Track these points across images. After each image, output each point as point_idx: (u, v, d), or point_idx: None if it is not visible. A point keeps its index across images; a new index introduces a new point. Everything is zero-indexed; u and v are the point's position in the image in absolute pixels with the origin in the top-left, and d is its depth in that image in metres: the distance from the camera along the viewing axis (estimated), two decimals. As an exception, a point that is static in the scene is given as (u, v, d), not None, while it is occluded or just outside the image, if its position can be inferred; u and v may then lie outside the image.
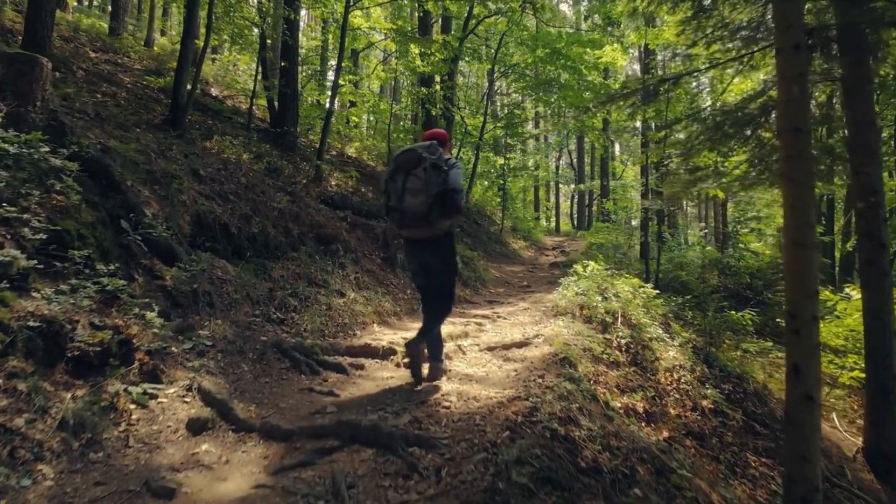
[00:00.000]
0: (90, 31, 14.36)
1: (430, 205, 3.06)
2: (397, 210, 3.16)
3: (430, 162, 3.09)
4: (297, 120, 12.13)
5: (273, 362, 3.51)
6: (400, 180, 3.15)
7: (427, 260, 3.35)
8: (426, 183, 3.05)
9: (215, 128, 10.69)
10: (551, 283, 7.80)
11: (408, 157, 3.17)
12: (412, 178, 3.10)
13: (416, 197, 3.08)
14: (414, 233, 3.24)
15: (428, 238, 3.24)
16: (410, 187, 3.10)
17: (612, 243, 16.12)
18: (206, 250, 4.23)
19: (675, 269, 10.36)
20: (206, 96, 13.19)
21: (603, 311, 5.75)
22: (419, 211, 3.08)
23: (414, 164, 3.11)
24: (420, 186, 3.07)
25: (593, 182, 22.90)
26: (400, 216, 3.16)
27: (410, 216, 3.12)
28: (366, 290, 5.30)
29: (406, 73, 13.86)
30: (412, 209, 3.10)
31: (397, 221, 3.22)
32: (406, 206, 3.12)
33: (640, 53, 16.29)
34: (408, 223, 3.16)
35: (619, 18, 12.13)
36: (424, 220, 3.10)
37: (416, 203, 3.08)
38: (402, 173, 3.15)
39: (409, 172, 3.12)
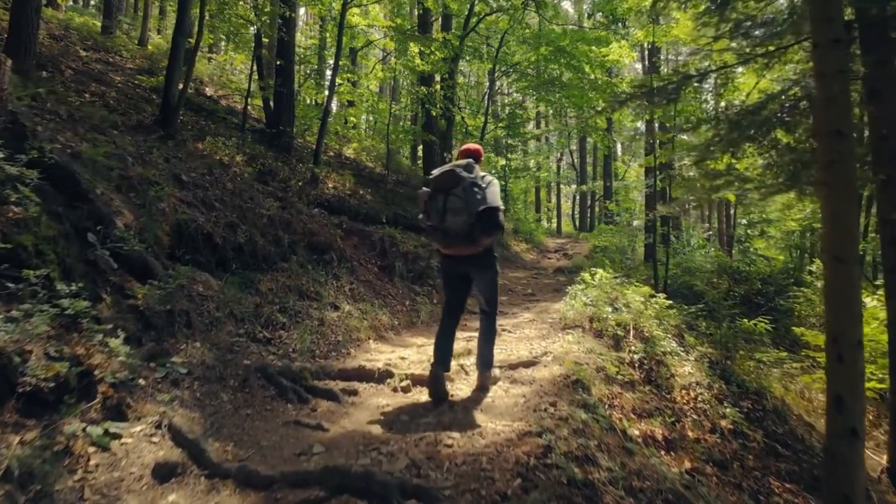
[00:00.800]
0: (82, 29, 14.01)
1: (473, 224, 3.12)
2: (440, 230, 3.23)
3: (469, 181, 3.14)
4: (293, 120, 11.79)
5: (256, 390, 3.17)
6: (440, 200, 3.22)
7: (468, 274, 3.40)
8: (467, 202, 3.10)
9: (208, 128, 10.35)
10: (557, 290, 7.46)
11: (447, 178, 3.21)
12: (452, 198, 3.17)
13: (458, 216, 3.15)
14: (458, 251, 3.29)
15: (470, 254, 3.29)
16: (451, 207, 3.17)
17: (616, 245, 15.78)
18: (187, 263, 3.89)
19: (684, 275, 10.02)
20: (201, 96, 12.86)
21: (614, 323, 5.42)
22: (462, 230, 3.15)
23: (453, 183, 3.17)
24: (461, 206, 3.13)
25: (595, 183, 22.55)
26: (443, 236, 3.22)
27: (454, 235, 3.18)
28: (362, 303, 4.96)
29: (405, 72, 13.51)
30: (455, 229, 3.17)
31: (441, 241, 3.27)
32: (448, 225, 3.19)
33: (643, 52, 15.96)
34: (451, 242, 3.22)
35: (624, 16, 11.78)
36: (467, 239, 3.17)
37: (458, 222, 3.16)
38: (441, 193, 3.21)
39: (448, 192, 3.18)
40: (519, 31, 14.01)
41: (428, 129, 13.38)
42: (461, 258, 3.33)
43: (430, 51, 12.18)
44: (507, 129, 15.66)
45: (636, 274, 9.65)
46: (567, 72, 12.45)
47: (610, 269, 6.71)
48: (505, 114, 16.01)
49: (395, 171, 15.25)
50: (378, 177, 13.24)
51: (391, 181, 13.70)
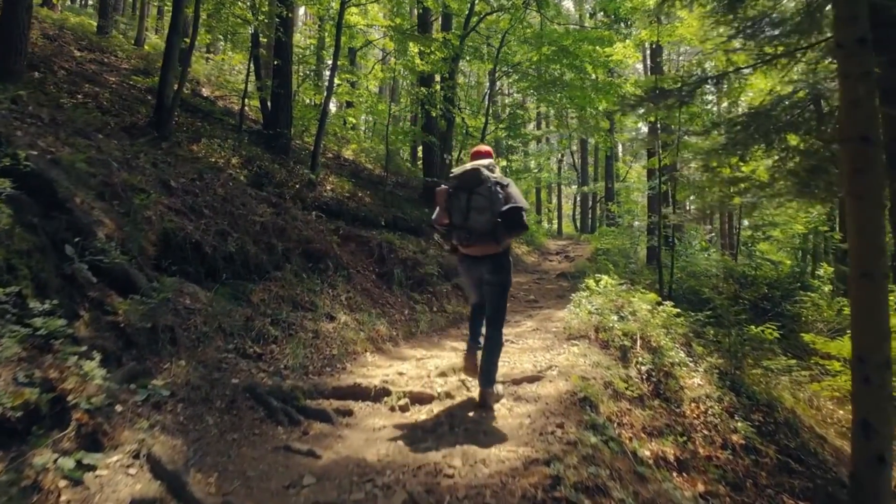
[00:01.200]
0: (77, 29, 13.84)
1: (496, 223, 3.15)
2: (463, 228, 3.23)
3: (494, 180, 3.18)
4: (290, 121, 11.60)
5: (245, 412, 2.99)
6: (463, 199, 3.21)
7: (483, 274, 3.36)
8: (491, 201, 3.13)
9: (204, 130, 10.16)
10: (560, 296, 7.27)
11: (470, 176, 3.21)
12: (476, 197, 3.17)
13: (482, 215, 3.17)
14: (479, 250, 3.27)
15: (490, 254, 3.28)
16: (475, 206, 3.17)
17: (618, 248, 15.59)
18: (174, 274, 3.70)
19: (689, 279, 9.83)
20: (197, 97, 12.67)
21: (620, 333, 5.23)
22: (486, 228, 3.17)
23: (477, 182, 3.18)
24: (485, 205, 3.15)
25: (597, 184, 22.35)
26: (467, 234, 3.22)
27: (477, 234, 3.19)
28: (359, 312, 4.77)
29: (405, 72, 13.32)
30: (479, 227, 3.18)
31: (463, 239, 3.26)
32: (472, 224, 3.19)
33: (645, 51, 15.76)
34: (475, 241, 3.22)
35: (626, 15, 11.59)
36: (491, 238, 3.18)
37: (482, 221, 3.17)
38: (464, 192, 3.21)
39: (471, 191, 3.19)
40: (520, 30, 13.80)
41: (428, 130, 13.19)
42: (479, 258, 3.31)
43: (430, 51, 11.99)
44: (508, 130, 15.46)
45: (640, 278, 9.46)
46: (569, 72, 12.25)
47: (615, 276, 6.51)
48: (506, 114, 15.81)
49: (395, 172, 15.06)
50: (377, 179, 13.05)
51: (390, 183, 13.52)
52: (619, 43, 7.86)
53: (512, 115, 15.05)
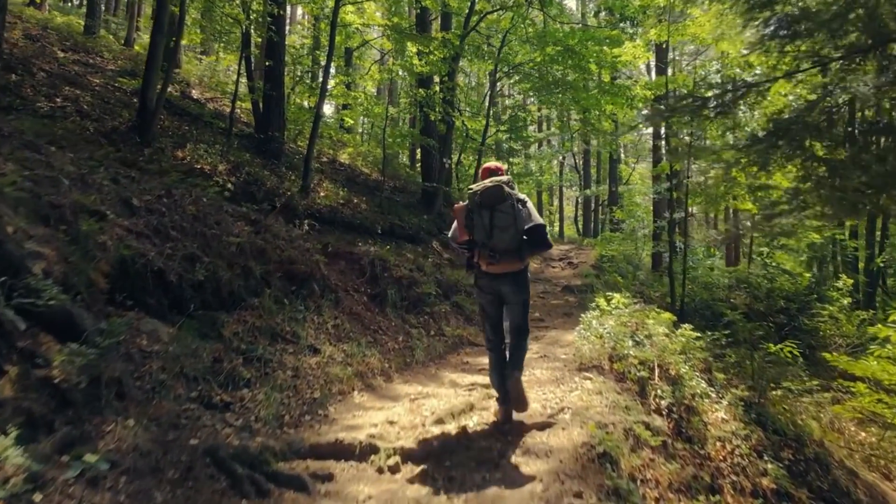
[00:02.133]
0: (63, 29, 13.36)
1: (521, 240, 3.14)
2: (486, 246, 3.18)
3: (516, 198, 3.17)
4: (283, 124, 11.13)
5: (203, 482, 2.50)
6: (486, 216, 3.16)
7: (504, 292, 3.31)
8: (515, 219, 3.12)
9: (190, 134, 9.69)
10: (567, 314, 6.79)
11: (493, 194, 3.17)
12: (499, 215, 3.14)
13: (506, 232, 3.14)
14: (502, 268, 3.23)
15: (511, 272, 3.25)
16: (499, 223, 3.14)
17: (623, 255, 15.11)
18: (131, 309, 3.23)
19: (701, 291, 9.35)
20: (186, 99, 12.19)
21: (636, 362, 4.75)
22: (510, 246, 3.15)
23: (500, 199, 3.15)
24: (509, 222, 3.13)
25: (600, 187, 21.85)
26: (491, 252, 3.18)
27: (502, 252, 3.16)
28: (347, 342, 4.29)
29: (403, 73, 12.84)
30: (503, 245, 3.15)
31: (487, 257, 3.21)
32: (496, 242, 3.16)
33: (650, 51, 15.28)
34: (499, 259, 3.18)
35: (633, 14, 11.10)
36: (515, 255, 3.18)
37: (506, 238, 3.14)
38: (486, 209, 3.16)
39: (494, 208, 3.15)
40: (522, 30, 13.32)
41: (426, 133, 12.71)
42: (500, 276, 3.26)
43: (429, 51, 11.51)
44: (510, 133, 14.99)
45: (650, 290, 8.99)
46: (573, 73, 11.76)
47: (627, 294, 6.03)
48: (507, 116, 15.33)
49: (393, 176, 14.59)
50: (374, 184, 12.58)
51: (388, 188, 13.04)
52: (629, 43, 7.38)
53: (513, 118, 14.56)
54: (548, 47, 10.34)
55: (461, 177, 15.95)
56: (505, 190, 3.18)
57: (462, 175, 16.12)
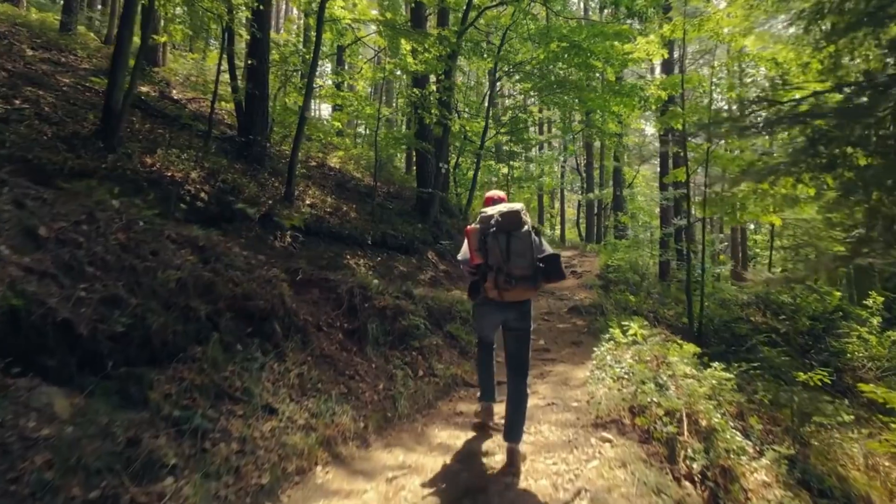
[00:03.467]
0: (37, 26, 12.62)
1: (536, 268, 3.12)
2: (503, 271, 3.11)
3: (531, 225, 3.17)
4: (266, 127, 10.37)
5: None
6: (503, 241, 3.12)
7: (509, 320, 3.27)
8: (531, 246, 3.11)
9: (164, 138, 8.91)
10: (576, 343, 6.03)
11: (512, 219, 3.13)
12: (515, 240, 3.11)
13: (522, 259, 3.11)
14: (516, 295, 3.17)
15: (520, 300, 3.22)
16: (515, 249, 3.10)
17: (629, 264, 14.34)
18: (22, 376, 2.47)
19: (718, 309, 8.60)
20: (165, 99, 11.42)
21: (662, 413, 4.00)
22: (526, 273, 3.11)
23: (517, 225, 3.12)
24: (525, 249, 3.10)
25: (604, 191, 21.07)
26: (506, 278, 3.10)
27: (518, 278, 3.10)
28: (313, 397, 3.53)
29: (398, 72, 12.08)
30: (520, 272, 3.11)
31: (501, 283, 3.11)
32: (512, 268, 3.10)
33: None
34: (515, 284, 3.11)
35: (641, 9, 10.34)
36: (530, 283, 3.13)
37: (523, 265, 3.11)
38: (503, 234, 3.12)
39: (511, 233, 3.11)
40: (523, 27, 12.57)
41: (421, 136, 11.94)
42: (506, 304, 3.21)
43: (424, 48, 10.76)
44: (511, 135, 14.23)
45: (663, 308, 8.24)
46: (578, 72, 11.01)
47: (643, 322, 5.28)
48: (507, 118, 14.58)
49: (386, 182, 13.82)
50: (366, 190, 11.81)
51: (380, 194, 12.27)
52: (641, 38, 6.63)
53: (514, 119, 13.80)
54: (552, 43, 9.56)
55: (459, 181, 15.18)
56: (522, 216, 3.15)
57: (460, 179, 15.36)
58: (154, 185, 7.62)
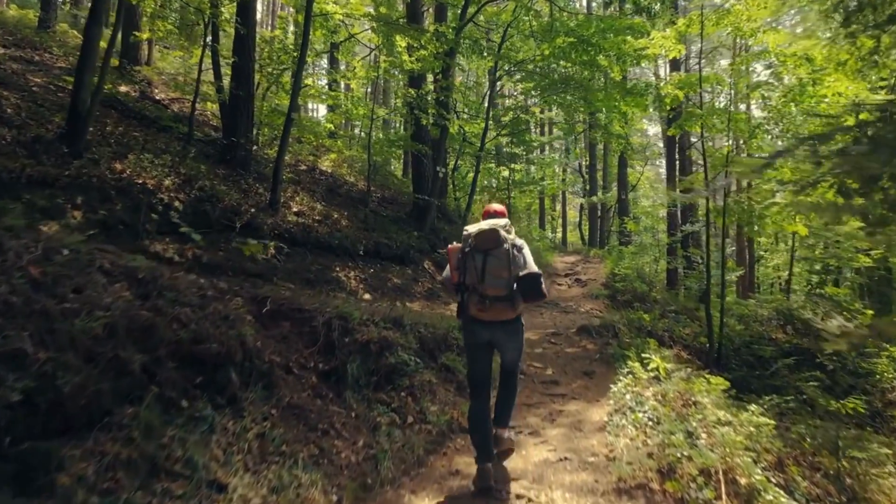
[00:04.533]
0: (12, 23, 11.98)
1: (513, 288, 3.01)
2: (477, 291, 3.01)
3: (511, 243, 3.04)
4: (251, 129, 9.72)
5: None
6: (479, 259, 3.01)
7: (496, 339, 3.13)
8: (509, 265, 2.99)
9: (138, 142, 8.25)
10: (588, 374, 5.39)
11: (488, 237, 3.01)
12: (492, 259, 3.00)
13: (499, 279, 3.00)
14: (493, 315, 3.04)
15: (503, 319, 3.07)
16: (491, 269, 2.99)
17: (636, 272, 13.68)
18: None
19: (737, 325, 7.96)
20: (145, 99, 10.76)
21: (695, 472, 3.36)
22: (502, 293, 3.00)
23: (494, 244, 3.01)
24: (502, 268, 2.99)
25: (608, 194, 20.41)
26: (480, 299, 3.01)
27: (493, 298, 3.00)
28: (275, 464, 2.88)
29: (394, 70, 11.44)
30: (495, 292, 3.00)
31: (477, 304, 3.02)
32: (487, 287, 3.00)
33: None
34: (489, 305, 3.00)
35: (649, 4, 9.69)
36: (507, 303, 3.02)
37: (498, 285, 3.00)
38: (480, 253, 3.02)
39: (488, 252, 3.01)
40: (525, 24, 11.92)
41: (417, 139, 11.30)
42: (491, 323, 3.10)
43: (420, 44, 10.11)
44: (512, 136, 13.59)
45: (680, 327, 7.60)
46: (583, 70, 10.35)
47: (666, 355, 4.64)
48: (508, 118, 13.93)
49: (381, 186, 13.17)
50: (358, 195, 11.16)
51: (375, 200, 11.61)
52: (657, 33, 6.00)
53: (515, 120, 13.16)
54: (558, 38, 8.89)
55: (458, 185, 14.53)
56: (500, 234, 3.01)
57: (459, 184, 14.71)
58: (123, 194, 6.99)
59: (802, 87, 6.41)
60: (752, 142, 6.70)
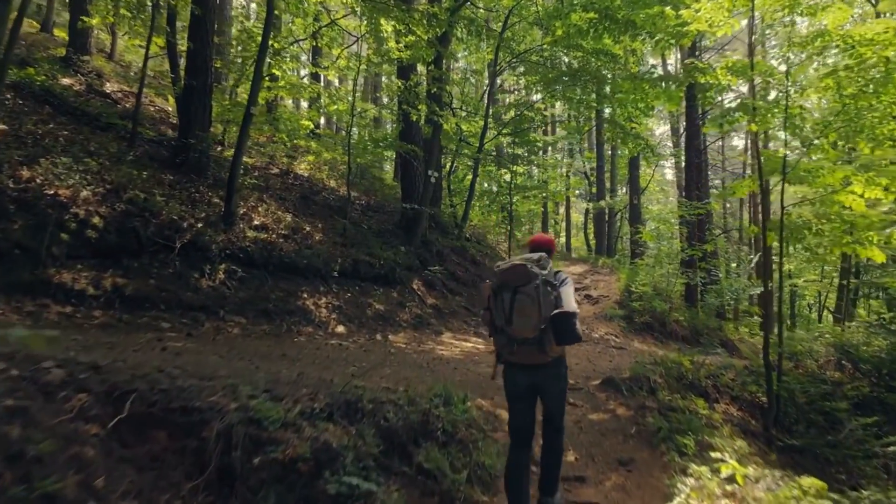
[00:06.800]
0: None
1: (544, 329, 2.66)
2: (504, 333, 2.75)
3: (542, 279, 2.70)
4: (208, 126, 8.23)
5: None
6: (507, 298, 2.71)
7: (536, 383, 2.86)
8: (539, 304, 2.65)
9: (54, 145, 6.75)
10: (624, 464, 3.92)
11: (515, 273, 2.72)
12: (521, 297, 2.68)
13: (527, 319, 2.67)
14: (524, 359, 2.79)
15: (539, 363, 2.79)
16: (519, 307, 2.68)
17: (653, 285, 12.22)
18: None
19: (788, 367, 6.49)
20: (92, 93, 9.30)
21: None
22: (530, 335, 2.69)
23: (523, 280, 2.69)
24: (531, 307, 2.66)
25: (616, 198, 18.91)
26: (507, 341, 2.75)
27: (520, 341, 2.72)
28: None
29: (380, 59, 9.96)
30: (522, 333, 2.70)
31: (505, 346, 2.78)
32: (514, 329, 2.70)
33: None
34: (517, 349, 2.75)
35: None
36: (536, 346, 2.71)
37: (527, 327, 2.68)
38: (508, 290, 2.73)
39: (516, 290, 2.70)
40: (528, 9, 10.46)
41: (407, 138, 9.83)
42: (528, 367, 2.81)
43: (409, 28, 8.66)
44: (514, 136, 12.12)
45: (725, 374, 6.14)
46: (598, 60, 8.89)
47: (744, 451, 3.17)
48: (510, 116, 12.47)
49: (366, 191, 11.71)
50: (338, 203, 9.69)
51: (357, 209, 10.16)
52: (707, 2, 4.59)
53: (518, 118, 11.70)
54: (573, 15, 7.38)
55: (454, 190, 13.04)
56: (529, 269, 2.67)
57: (456, 189, 13.22)
58: (25, 209, 5.52)
59: (888, 73, 4.96)
60: (823, 142, 5.26)
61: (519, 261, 2.75)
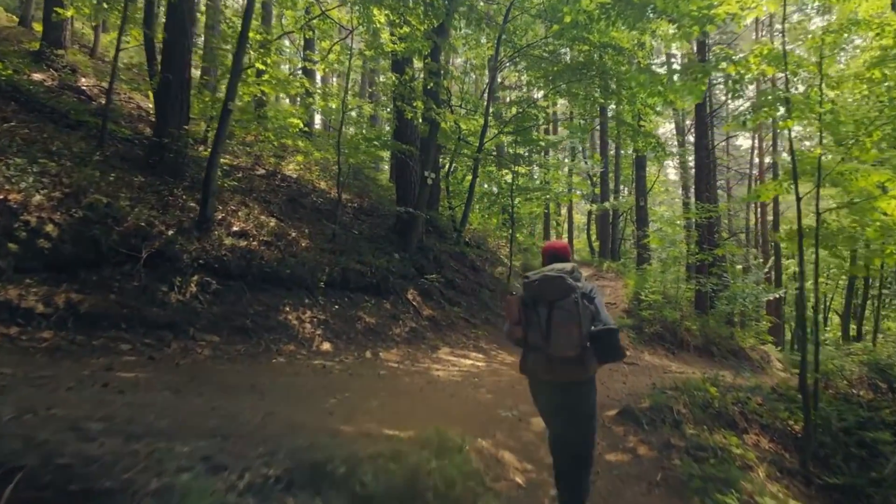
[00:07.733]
0: None
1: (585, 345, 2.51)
2: (541, 351, 2.56)
3: (581, 292, 2.54)
4: (184, 123, 7.59)
5: None
6: (543, 314, 2.54)
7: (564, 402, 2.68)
8: (580, 318, 2.50)
9: (14, 142, 6.14)
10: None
11: (553, 286, 2.54)
12: (559, 312, 2.52)
13: (567, 336, 2.51)
14: (562, 377, 2.60)
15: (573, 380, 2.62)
16: (558, 322, 2.51)
17: (661, 292, 11.61)
18: None
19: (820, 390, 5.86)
20: (66, 89, 8.68)
21: None
22: (571, 352, 2.51)
23: (561, 294, 2.53)
24: (571, 322, 2.50)
25: (621, 200, 18.28)
26: (546, 359, 2.55)
27: (560, 359, 2.53)
28: None
29: (371, 52, 9.33)
30: (563, 352, 2.51)
31: (543, 364, 2.58)
32: (554, 347, 2.51)
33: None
34: (557, 367, 2.55)
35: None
36: (577, 364, 2.54)
37: (568, 344, 2.51)
38: (543, 305, 2.55)
39: (553, 304, 2.53)
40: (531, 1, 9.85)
41: (401, 137, 9.21)
42: (560, 384, 2.64)
43: (403, 19, 8.04)
44: (516, 135, 11.48)
45: (754, 399, 5.53)
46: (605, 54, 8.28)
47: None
48: (511, 114, 11.85)
49: (360, 193, 11.08)
50: (328, 206, 9.07)
51: (348, 212, 9.54)
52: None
53: (520, 116, 11.07)
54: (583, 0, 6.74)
55: (452, 192, 12.41)
56: (568, 282, 2.52)
57: (454, 190, 12.59)
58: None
59: None
60: (867, 141, 4.66)
61: (554, 273, 2.57)
